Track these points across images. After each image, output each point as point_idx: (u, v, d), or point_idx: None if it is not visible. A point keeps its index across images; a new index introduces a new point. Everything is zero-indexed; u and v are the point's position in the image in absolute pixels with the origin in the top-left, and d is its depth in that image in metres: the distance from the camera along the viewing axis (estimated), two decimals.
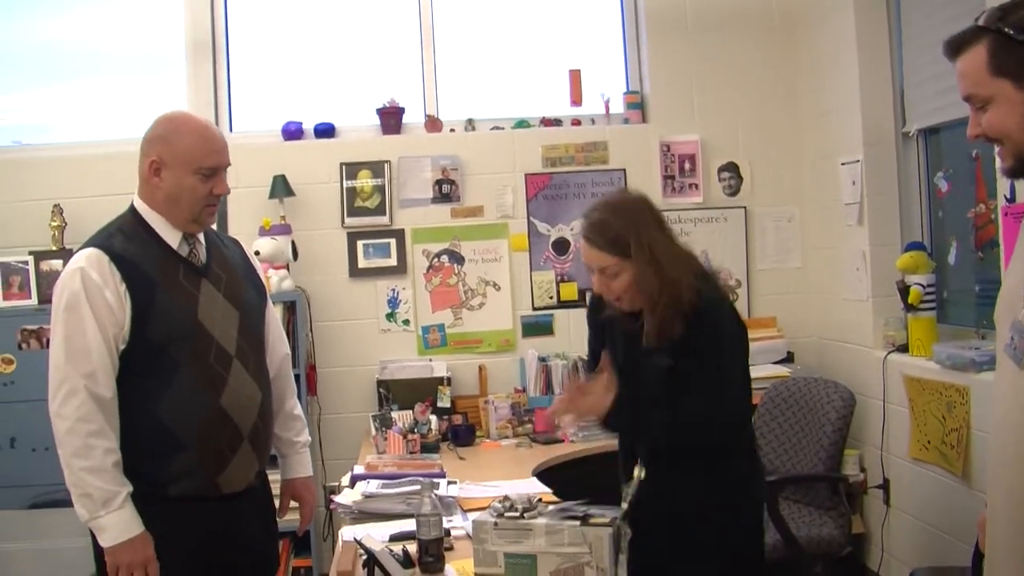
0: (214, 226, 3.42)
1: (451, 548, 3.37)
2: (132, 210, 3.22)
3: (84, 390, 2.97)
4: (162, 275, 3.11)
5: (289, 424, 3.58)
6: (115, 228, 3.18)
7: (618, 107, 6.40)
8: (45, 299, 5.39)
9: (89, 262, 3.04)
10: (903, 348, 5.25)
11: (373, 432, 5.31)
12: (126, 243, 3.11)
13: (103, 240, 3.13)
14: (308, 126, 6.24)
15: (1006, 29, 2.19)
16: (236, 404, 3.15)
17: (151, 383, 3.07)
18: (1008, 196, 4.19)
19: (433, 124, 6.27)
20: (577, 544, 3.09)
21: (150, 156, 3.15)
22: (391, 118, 6.23)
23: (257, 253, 5.64)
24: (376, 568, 3.07)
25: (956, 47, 2.30)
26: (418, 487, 3.63)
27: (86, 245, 3.13)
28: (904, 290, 5.09)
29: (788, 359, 6.05)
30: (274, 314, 3.59)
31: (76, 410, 2.96)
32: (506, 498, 3.24)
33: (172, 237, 3.18)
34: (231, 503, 3.19)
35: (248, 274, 3.42)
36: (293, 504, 3.63)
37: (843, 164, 5.72)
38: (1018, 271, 2.34)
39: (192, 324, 3.11)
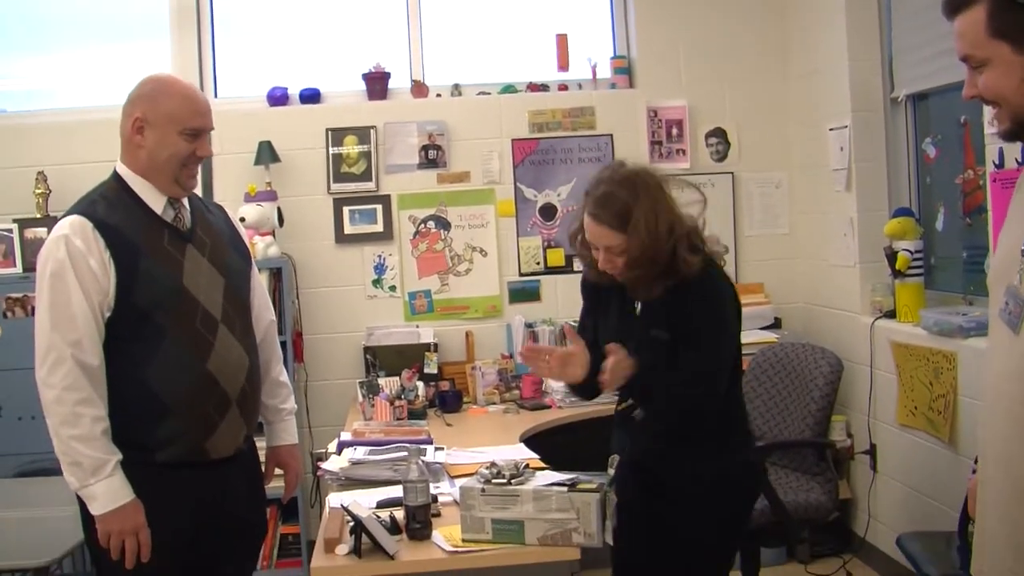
0: (199, 192, 3.41)
1: (438, 514, 3.37)
2: (115, 176, 3.19)
3: (71, 358, 2.96)
4: (146, 241, 3.09)
5: (275, 391, 3.56)
6: (98, 195, 3.16)
7: (605, 72, 6.37)
8: (30, 267, 5.36)
9: (73, 229, 3.02)
10: (890, 314, 5.25)
11: (360, 399, 5.30)
12: (109, 209, 3.09)
13: (86, 207, 3.10)
14: (293, 91, 6.20)
15: None
16: (223, 368, 3.14)
17: (138, 349, 3.06)
18: (996, 162, 4.18)
19: (419, 89, 6.24)
20: (564, 510, 3.09)
21: (133, 114, 3.13)
22: (377, 83, 6.19)
23: (243, 219, 5.59)
24: (363, 535, 3.07)
25: (955, 6, 2.26)
26: (405, 453, 3.63)
27: (69, 212, 3.11)
28: (892, 256, 5.09)
29: (775, 325, 6.06)
30: (260, 280, 3.57)
31: (63, 379, 2.95)
32: (493, 464, 3.25)
33: (156, 202, 3.16)
34: (220, 469, 3.19)
35: (233, 240, 3.40)
36: (278, 471, 3.62)
37: (831, 130, 5.70)
38: (1012, 236, 2.30)
39: (177, 289, 3.09)
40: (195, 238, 3.21)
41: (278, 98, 6.15)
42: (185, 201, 3.25)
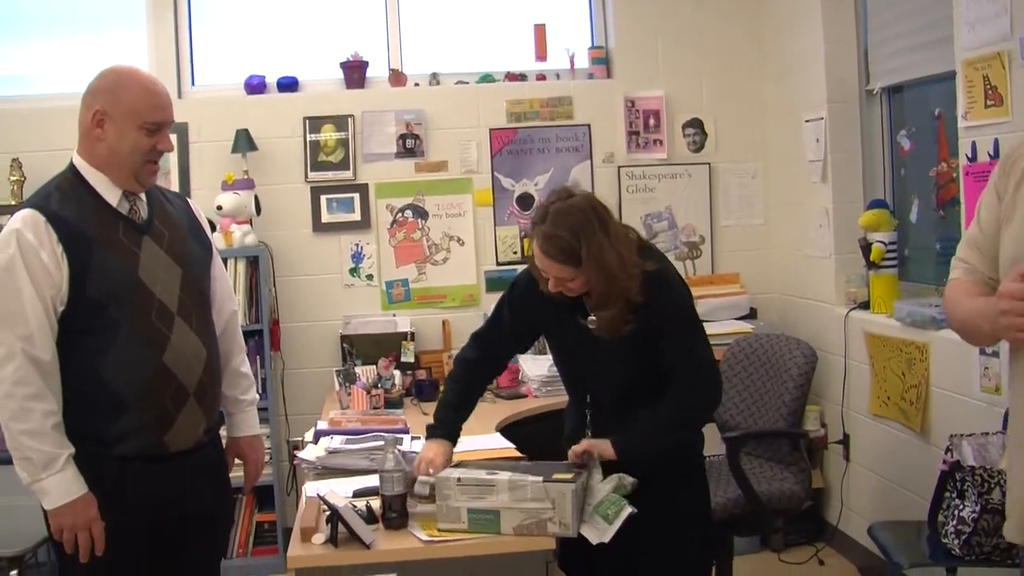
0: (177, 180, 3.38)
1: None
2: (71, 167, 3.16)
3: (21, 353, 2.93)
4: (100, 234, 3.06)
5: (235, 382, 3.53)
6: (53, 187, 3.13)
7: (583, 62, 6.38)
8: None
9: (24, 223, 3.00)
10: (864, 305, 5.29)
11: (336, 387, 5.29)
12: (63, 202, 3.06)
13: (40, 200, 3.08)
14: (271, 80, 6.19)
15: None
16: (180, 361, 3.12)
17: (92, 342, 3.04)
18: (969, 155, 4.21)
19: (397, 78, 6.23)
20: (539, 500, 3.11)
21: (93, 107, 3.10)
22: (355, 72, 6.18)
23: (219, 208, 5.61)
24: (340, 524, 3.08)
25: None
26: (382, 443, 3.63)
27: (23, 205, 3.09)
28: (866, 247, 5.12)
29: (751, 315, 6.08)
30: (222, 270, 3.53)
31: (13, 373, 2.93)
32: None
33: (112, 195, 3.13)
34: (180, 462, 3.17)
35: (193, 229, 3.37)
36: (238, 462, 3.60)
37: (807, 121, 5.73)
38: None
39: (132, 282, 3.07)
40: (152, 229, 3.18)
41: (255, 86, 6.14)
42: (142, 193, 3.22)
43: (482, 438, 4.25)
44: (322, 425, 4.35)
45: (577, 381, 3.63)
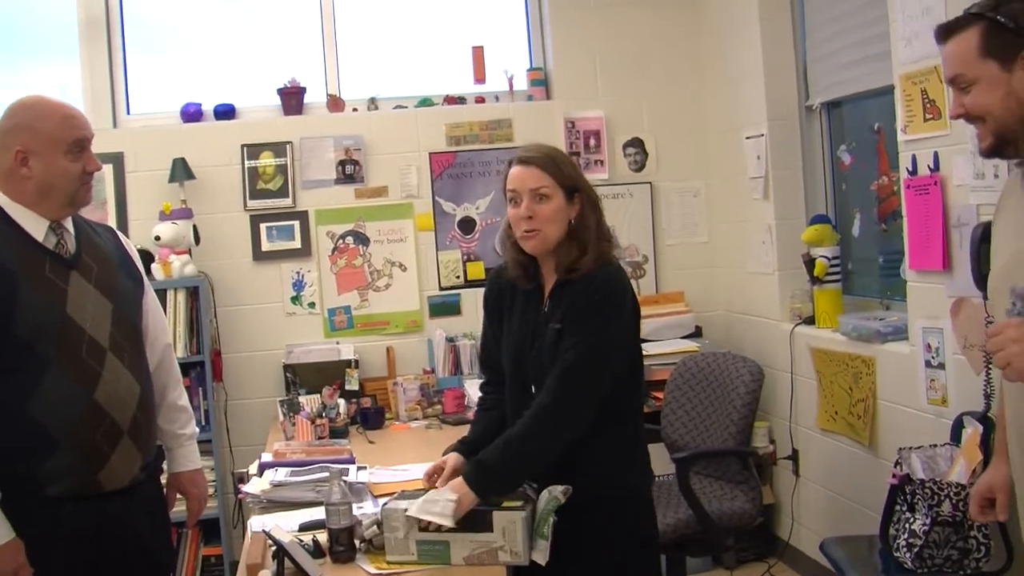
0: (113, 213, 3.31)
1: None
2: None
3: None
4: (25, 270, 2.99)
5: (173, 416, 3.48)
6: None
7: (522, 84, 6.36)
8: None
9: None
10: (809, 320, 5.30)
11: (281, 418, 5.23)
12: None
13: None
14: (207, 107, 6.11)
15: (998, 17, 2.47)
16: (112, 398, 3.05)
17: (21, 381, 2.95)
18: (910, 168, 4.23)
19: (335, 104, 6.18)
20: (487, 530, 3.06)
21: (13, 147, 3.02)
22: (292, 98, 6.12)
23: (158, 238, 5.54)
24: (286, 559, 3.02)
25: (948, 31, 2.57)
26: (327, 474, 3.58)
27: None
28: (810, 263, 5.14)
29: (696, 334, 6.07)
30: (155, 303, 3.47)
31: None
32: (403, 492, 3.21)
33: (37, 229, 3.05)
34: (116, 500, 3.10)
35: (123, 262, 3.30)
36: (181, 497, 3.55)
37: (748, 138, 5.74)
38: (1014, 241, 2.55)
39: (60, 318, 2.99)
40: (80, 264, 3.11)
41: (192, 114, 6.06)
42: (69, 226, 3.15)
43: (427, 466, 4.21)
44: (266, 457, 4.29)
45: (523, 369, 3.39)
